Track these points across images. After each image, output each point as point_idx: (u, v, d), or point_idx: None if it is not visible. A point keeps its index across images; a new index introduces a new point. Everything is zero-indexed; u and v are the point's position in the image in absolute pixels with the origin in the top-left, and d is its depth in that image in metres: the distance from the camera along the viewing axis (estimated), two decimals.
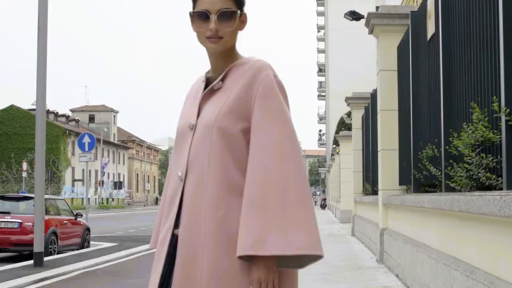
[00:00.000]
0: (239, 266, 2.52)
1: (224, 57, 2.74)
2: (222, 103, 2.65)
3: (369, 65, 49.73)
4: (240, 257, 2.51)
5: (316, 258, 2.55)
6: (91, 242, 19.46)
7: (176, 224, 2.66)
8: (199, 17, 2.68)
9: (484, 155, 5.33)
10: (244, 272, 2.52)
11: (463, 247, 5.77)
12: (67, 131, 78.69)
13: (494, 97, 5.00)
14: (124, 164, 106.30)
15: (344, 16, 19.39)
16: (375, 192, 14.29)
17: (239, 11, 2.72)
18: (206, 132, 2.63)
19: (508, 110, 4.63)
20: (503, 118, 4.72)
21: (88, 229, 19.14)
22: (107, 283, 11.09)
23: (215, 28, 2.65)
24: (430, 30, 7.87)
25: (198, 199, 2.60)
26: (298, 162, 2.57)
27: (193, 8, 2.72)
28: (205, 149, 2.62)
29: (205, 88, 2.76)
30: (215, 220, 2.56)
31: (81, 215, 19.11)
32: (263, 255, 2.47)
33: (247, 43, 2.73)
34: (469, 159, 5.57)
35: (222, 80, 2.70)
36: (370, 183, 16.17)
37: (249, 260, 2.51)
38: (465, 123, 5.90)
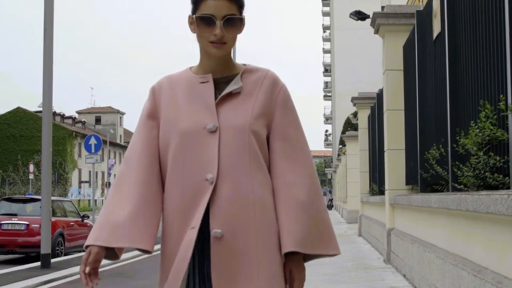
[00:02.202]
0: (282, 264, 2.65)
1: (227, 60, 2.76)
2: (251, 108, 2.68)
3: (374, 65, 49.69)
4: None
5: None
6: None
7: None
8: (203, 21, 2.67)
9: (491, 153, 5.31)
10: (283, 269, 2.66)
11: (470, 247, 5.75)
12: (74, 133, 78.88)
13: (501, 96, 4.98)
14: None
15: (350, 16, 19.36)
16: (381, 192, 14.26)
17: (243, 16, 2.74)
18: (240, 135, 2.63)
19: None
20: (510, 117, 4.70)
21: None
22: (114, 285, 11.09)
23: (221, 34, 2.65)
24: (436, 29, 7.85)
25: (243, 200, 2.59)
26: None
27: (195, 10, 2.71)
28: (243, 152, 2.63)
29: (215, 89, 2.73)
30: (266, 220, 2.61)
31: (88, 217, 19.14)
32: (303, 254, 2.66)
33: (252, 44, 2.73)
34: (476, 158, 5.55)
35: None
36: (376, 183, 16.14)
37: (285, 257, 2.66)
38: (472, 122, 5.88)
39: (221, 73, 2.74)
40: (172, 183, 2.69)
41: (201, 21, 2.67)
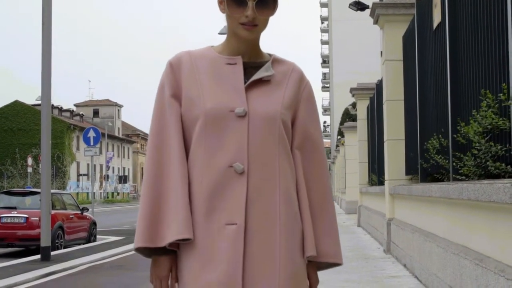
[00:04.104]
0: (304, 266, 2.53)
1: (256, 45, 2.61)
2: (281, 97, 2.55)
3: (373, 55, 49.63)
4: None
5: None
6: (98, 236, 19.49)
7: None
8: (234, 1, 2.49)
9: (492, 143, 5.31)
10: (305, 273, 2.56)
11: (472, 236, 5.75)
12: (72, 126, 78.81)
13: (503, 84, 4.97)
14: (129, 158, 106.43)
15: (349, 7, 19.36)
16: (381, 182, 14.26)
17: None
18: (271, 123, 2.49)
19: None
20: None
21: (94, 223, 19.17)
22: (114, 277, 11.10)
23: (253, 16, 2.47)
24: (436, 19, 7.83)
25: (270, 193, 2.46)
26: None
27: None
28: (273, 142, 2.49)
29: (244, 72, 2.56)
30: (291, 216, 2.48)
31: (87, 209, 19.13)
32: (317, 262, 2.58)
33: None
34: (478, 146, 5.55)
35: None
36: (376, 173, 16.15)
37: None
38: (474, 111, 5.87)
39: (249, 57, 2.58)
40: (193, 166, 2.48)
41: (231, 1, 2.50)
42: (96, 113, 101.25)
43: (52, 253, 13.96)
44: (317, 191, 2.58)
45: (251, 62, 2.57)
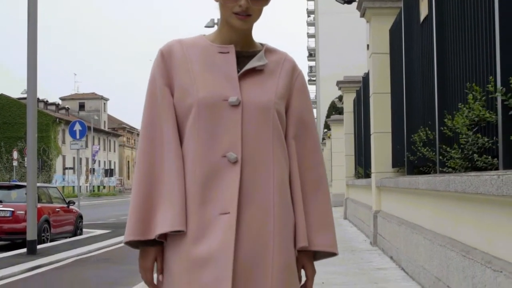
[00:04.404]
0: (295, 258, 2.49)
1: (249, 34, 2.57)
2: (275, 87, 2.51)
3: (359, 49, 49.67)
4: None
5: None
6: (84, 230, 19.47)
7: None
8: None
9: (479, 135, 5.34)
10: (295, 264, 2.52)
11: (459, 228, 5.78)
12: (57, 119, 78.48)
13: (490, 77, 4.99)
14: (115, 151, 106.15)
15: (336, 0, 19.33)
16: (367, 175, 14.31)
17: None
18: (265, 113, 2.45)
19: (504, 89, 4.62)
20: (499, 98, 4.71)
21: (80, 217, 19.13)
22: (101, 270, 11.09)
23: (246, 5, 2.43)
24: (423, 11, 7.85)
25: (264, 183, 2.42)
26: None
27: None
28: (267, 132, 2.45)
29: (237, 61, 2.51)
30: (284, 207, 2.44)
31: (74, 203, 19.08)
32: (312, 251, 2.54)
33: None
34: (465, 137, 5.57)
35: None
36: (362, 166, 16.19)
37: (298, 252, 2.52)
38: (461, 104, 5.90)
39: (241, 46, 2.53)
40: (186, 156, 2.42)
41: None
42: (82, 107, 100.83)
43: (38, 246, 13.93)
44: (312, 180, 2.55)
45: (244, 51, 2.53)
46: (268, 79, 2.52)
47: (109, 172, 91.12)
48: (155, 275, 2.45)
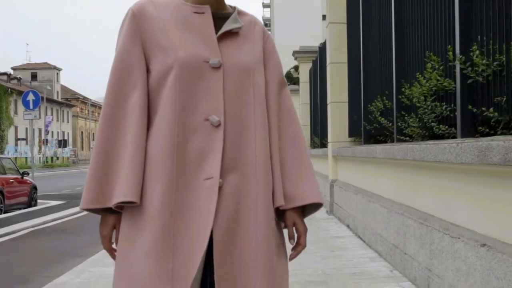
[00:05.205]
0: (274, 219, 2.45)
1: None
2: (252, 50, 2.48)
3: (315, 19, 49.62)
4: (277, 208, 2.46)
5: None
6: (38, 201, 19.28)
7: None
8: None
9: (438, 103, 5.38)
10: (279, 226, 2.49)
11: (417, 196, 5.84)
12: (9, 89, 77.12)
13: (449, 46, 5.03)
14: (68, 122, 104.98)
15: None
16: (323, 145, 14.39)
17: None
18: (246, 76, 2.40)
19: (463, 58, 4.66)
20: (458, 67, 4.75)
21: (35, 188, 18.93)
22: (57, 241, 11.00)
23: None
24: None
25: (247, 146, 2.37)
26: None
27: None
28: (247, 94, 2.40)
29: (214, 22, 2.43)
30: (267, 169, 2.40)
31: (28, 174, 18.86)
32: (300, 206, 2.48)
33: None
34: (423, 104, 5.62)
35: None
36: (318, 136, 16.26)
37: (281, 211, 2.48)
38: (418, 73, 5.94)
39: (215, 7, 2.45)
40: (165, 121, 2.30)
41: None
42: (34, 77, 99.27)
43: None
44: (290, 136, 2.53)
45: (218, 12, 2.46)
46: (244, 42, 2.47)
47: (62, 143, 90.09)
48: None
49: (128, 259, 2.28)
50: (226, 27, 2.42)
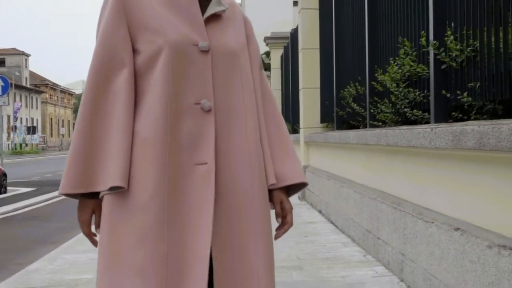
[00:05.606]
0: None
1: None
2: (237, 33, 2.46)
3: (286, 5, 49.65)
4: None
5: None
6: (8, 188, 19.09)
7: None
8: None
9: (411, 88, 5.41)
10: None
11: (390, 181, 5.87)
12: None
13: (422, 32, 5.05)
14: (37, 108, 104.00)
15: None
16: (295, 130, 14.42)
17: None
18: (233, 59, 2.37)
19: (437, 43, 4.68)
20: (432, 52, 4.77)
21: (4, 174, 18.74)
22: (28, 228, 10.91)
23: None
24: None
25: (238, 130, 2.35)
26: None
27: None
28: (235, 78, 2.37)
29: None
30: (258, 152, 2.40)
31: None
32: (286, 186, 2.50)
33: None
34: (396, 90, 5.65)
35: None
36: (290, 122, 16.27)
37: (274, 191, 2.50)
38: (391, 59, 5.96)
39: None
40: (156, 103, 2.23)
41: None
42: (2, 62, 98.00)
43: None
44: (272, 117, 2.54)
45: None
46: (228, 25, 2.44)
47: (31, 130, 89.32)
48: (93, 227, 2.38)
49: (118, 246, 2.21)
50: (211, 9, 2.38)
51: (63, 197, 2.35)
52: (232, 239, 2.28)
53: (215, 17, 2.40)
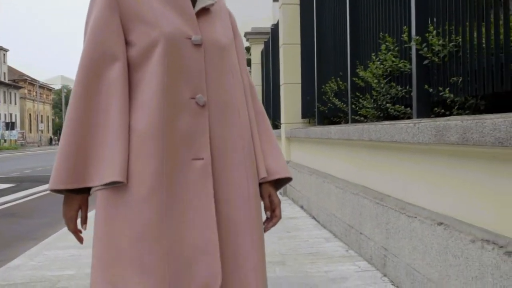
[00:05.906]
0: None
1: None
2: (225, 27, 2.46)
3: (266, 1, 49.64)
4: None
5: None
6: None
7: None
8: None
9: (393, 83, 5.42)
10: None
11: (372, 176, 5.89)
12: None
13: (405, 27, 5.06)
14: (16, 104, 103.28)
15: None
16: (275, 126, 14.42)
17: None
18: (224, 53, 2.37)
19: (419, 39, 4.69)
20: (414, 48, 4.78)
21: None
22: (9, 225, 10.83)
23: None
24: None
25: (231, 125, 2.35)
26: None
27: None
28: (226, 72, 2.37)
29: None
30: (249, 147, 2.40)
31: None
32: (274, 180, 2.54)
33: None
34: (378, 86, 5.66)
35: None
36: (270, 117, 16.27)
37: (263, 185, 2.52)
38: (373, 54, 5.98)
39: None
40: (152, 97, 2.19)
41: None
42: None
43: None
44: (258, 111, 2.57)
45: None
46: (216, 20, 2.44)
47: (10, 125, 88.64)
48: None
49: (117, 243, 2.18)
50: (202, 3, 2.38)
51: (44, 193, 2.33)
52: (229, 234, 2.29)
53: (205, 10, 2.39)
